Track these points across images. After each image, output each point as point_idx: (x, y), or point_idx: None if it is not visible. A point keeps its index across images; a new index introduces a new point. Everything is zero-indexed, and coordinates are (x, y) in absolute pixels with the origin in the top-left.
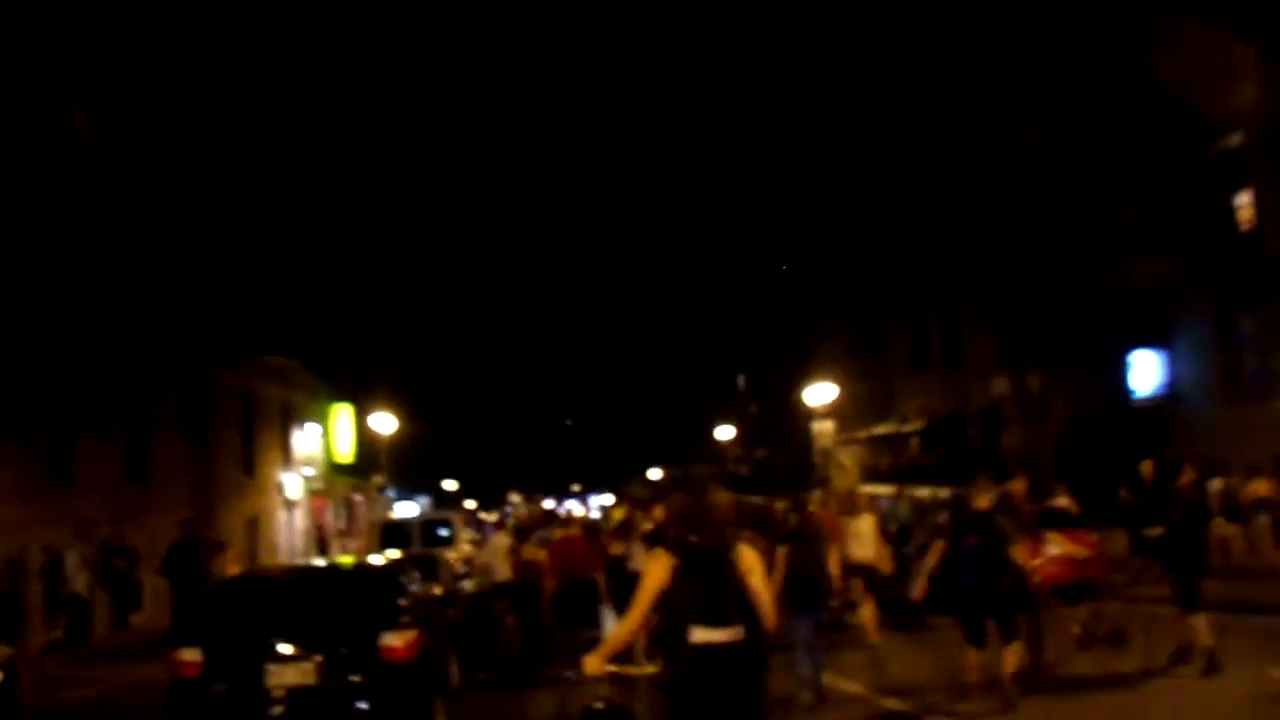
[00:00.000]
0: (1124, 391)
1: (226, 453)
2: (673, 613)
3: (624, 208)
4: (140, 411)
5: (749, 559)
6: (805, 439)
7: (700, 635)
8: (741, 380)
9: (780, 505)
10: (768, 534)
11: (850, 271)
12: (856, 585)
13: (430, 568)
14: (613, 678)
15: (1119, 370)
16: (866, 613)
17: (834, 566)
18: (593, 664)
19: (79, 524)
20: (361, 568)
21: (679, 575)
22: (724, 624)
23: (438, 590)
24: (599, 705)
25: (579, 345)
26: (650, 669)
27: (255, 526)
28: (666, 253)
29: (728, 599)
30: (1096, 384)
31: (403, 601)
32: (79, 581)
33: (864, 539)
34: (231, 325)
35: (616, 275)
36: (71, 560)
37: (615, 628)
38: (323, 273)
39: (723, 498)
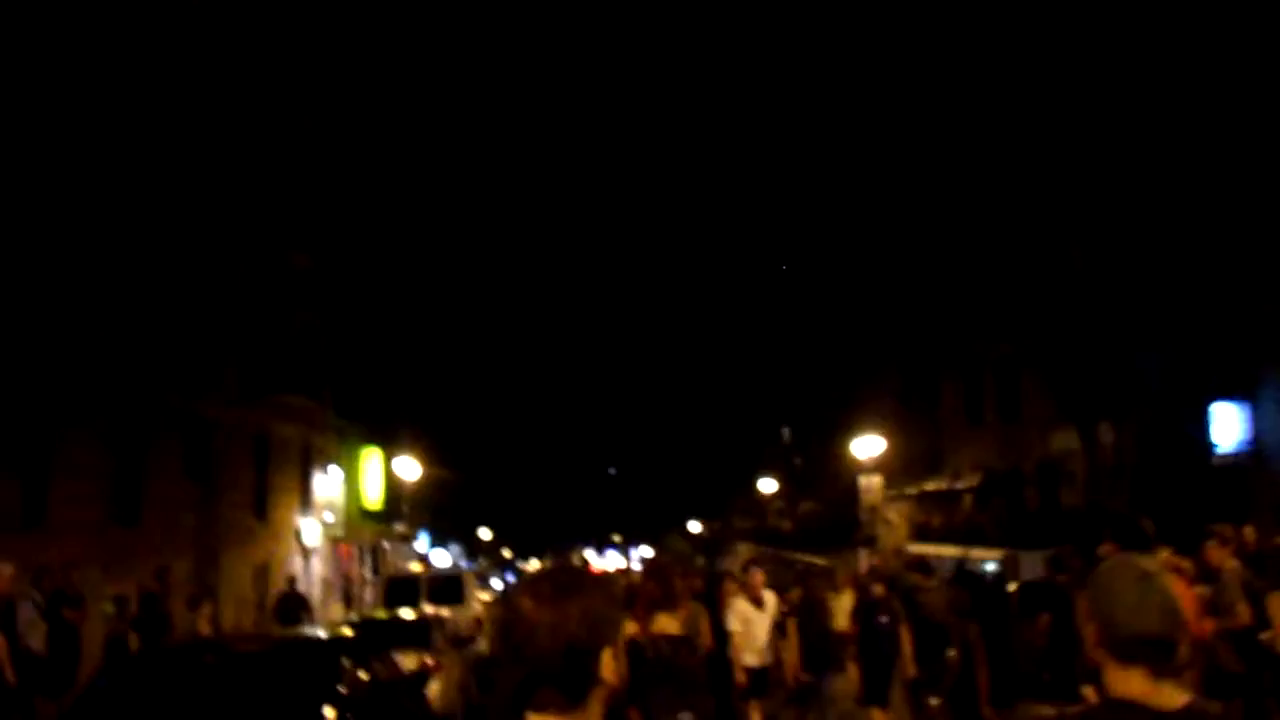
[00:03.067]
0: (1204, 446)
1: (235, 495)
2: None
3: (673, 254)
4: (132, 447)
5: None
6: (851, 494)
7: None
8: (786, 432)
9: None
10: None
11: (900, 321)
12: None
13: (423, 634)
14: None
15: (1198, 424)
16: None
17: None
18: None
19: (38, 570)
20: (295, 644)
21: None
22: None
23: (425, 661)
24: None
25: (622, 393)
26: None
27: (265, 574)
28: (714, 302)
29: None
30: (1173, 438)
31: (338, 690)
32: (34, 635)
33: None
34: (245, 361)
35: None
36: (24, 611)
37: None
38: (347, 309)
39: None
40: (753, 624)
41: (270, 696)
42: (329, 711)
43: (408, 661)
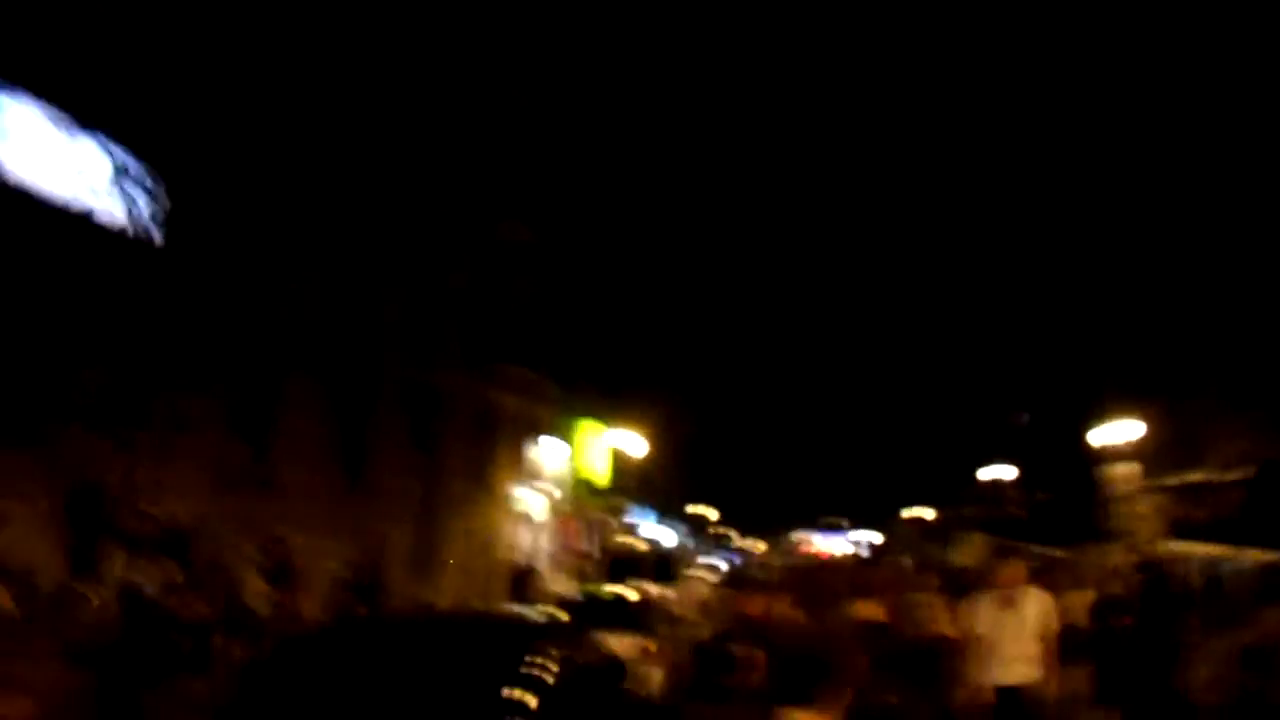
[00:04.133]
0: None
1: (458, 464)
2: None
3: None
4: (357, 414)
5: None
6: (1091, 483)
7: None
8: (1025, 417)
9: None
10: None
11: (1152, 296)
12: None
13: (641, 616)
14: None
15: None
16: None
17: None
18: None
19: (267, 540)
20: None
21: None
22: None
23: (645, 646)
24: None
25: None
26: None
27: (489, 545)
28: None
29: None
30: None
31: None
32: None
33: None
34: (468, 331)
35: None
36: (250, 580)
37: None
38: (570, 281)
39: None
40: (1003, 629)
41: (444, 674)
42: (516, 693)
43: (624, 644)
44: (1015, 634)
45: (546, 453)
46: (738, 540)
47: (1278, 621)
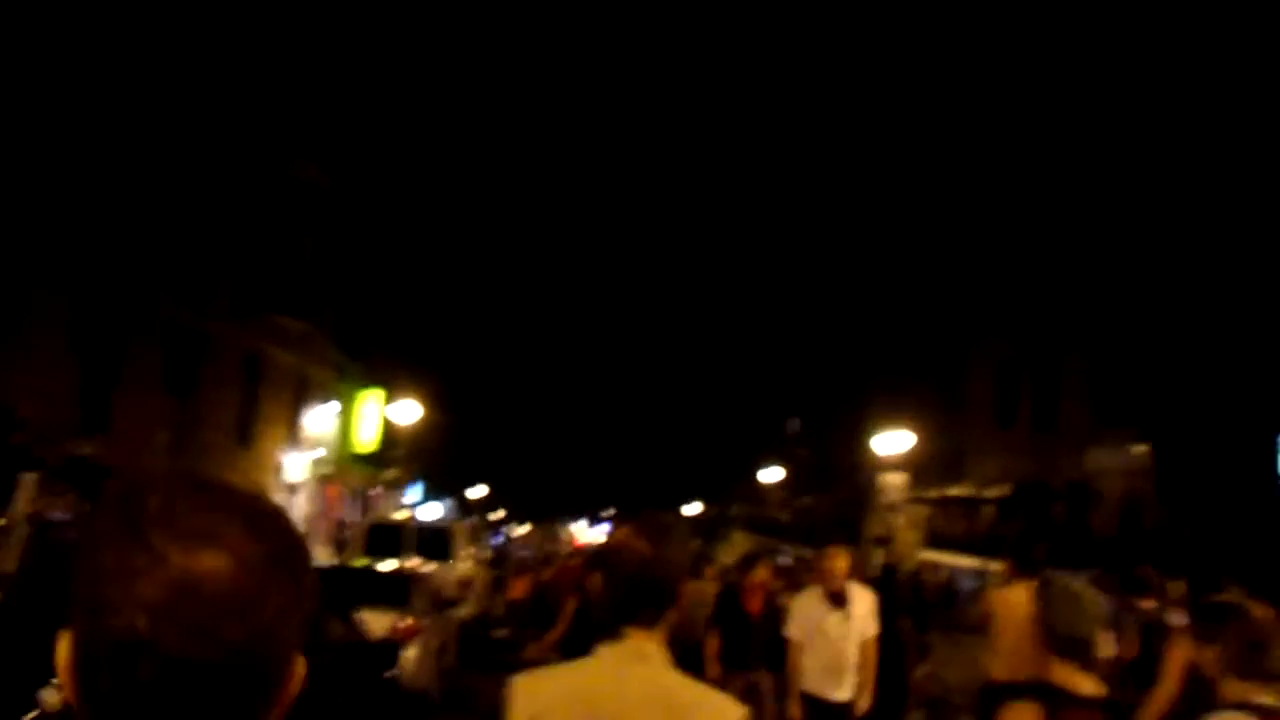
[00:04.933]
0: (1270, 479)
1: (218, 416)
2: None
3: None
4: (104, 349)
5: None
6: (857, 491)
7: None
8: (796, 423)
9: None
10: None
11: (926, 312)
12: None
13: (401, 591)
14: None
15: (1265, 454)
16: None
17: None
18: None
19: None
20: None
21: None
22: None
23: (397, 624)
24: None
25: (632, 364)
26: None
27: None
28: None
29: None
30: (1236, 468)
31: None
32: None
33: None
34: (241, 275)
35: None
36: None
37: None
38: (357, 235)
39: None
40: (827, 633)
41: None
42: None
43: (379, 622)
44: (843, 638)
45: (315, 414)
46: (507, 524)
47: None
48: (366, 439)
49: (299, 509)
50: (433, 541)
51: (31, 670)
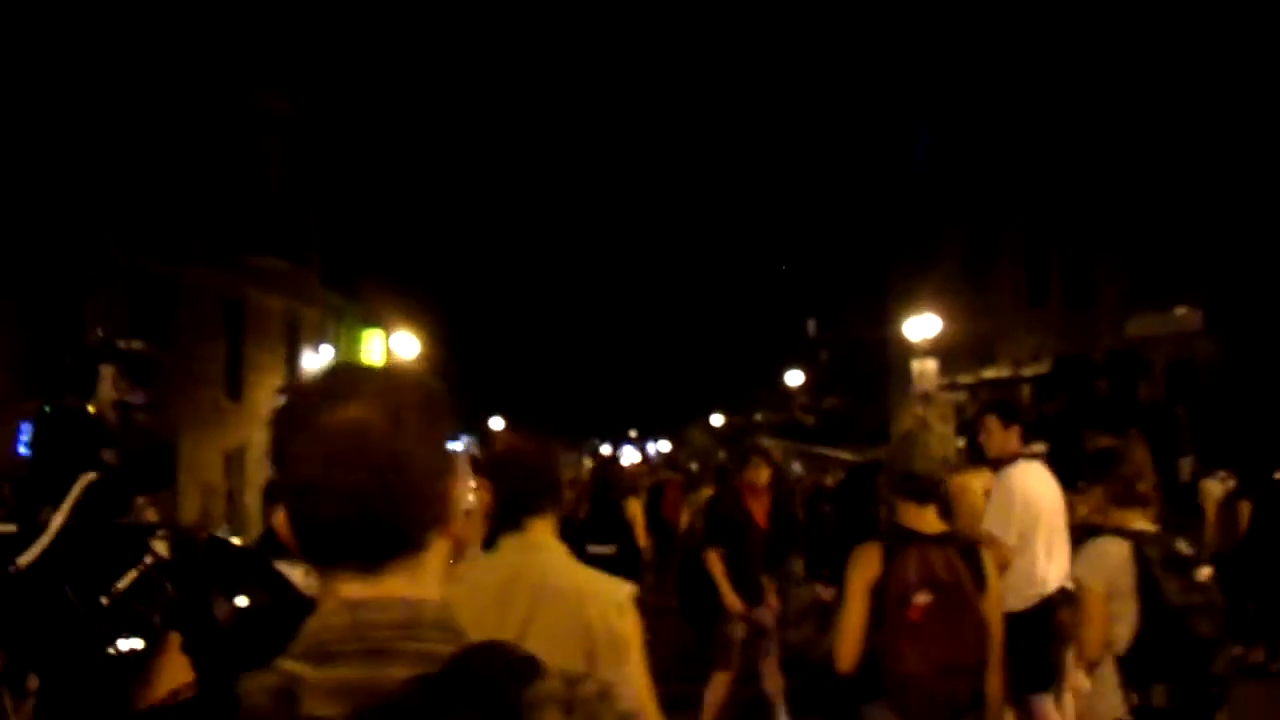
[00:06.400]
0: None
1: (201, 368)
2: None
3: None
4: (60, 304)
5: None
6: (881, 387)
7: None
8: (812, 325)
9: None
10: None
11: (946, 186)
12: None
13: None
14: None
15: None
16: None
17: None
18: None
19: None
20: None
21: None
22: None
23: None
24: None
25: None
26: None
27: (240, 461)
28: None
29: None
30: None
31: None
32: None
33: None
34: (212, 215)
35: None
36: None
37: None
38: (335, 164)
39: None
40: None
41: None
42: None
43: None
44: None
45: (314, 360)
46: None
47: None
48: None
49: None
50: None
51: (139, 526)
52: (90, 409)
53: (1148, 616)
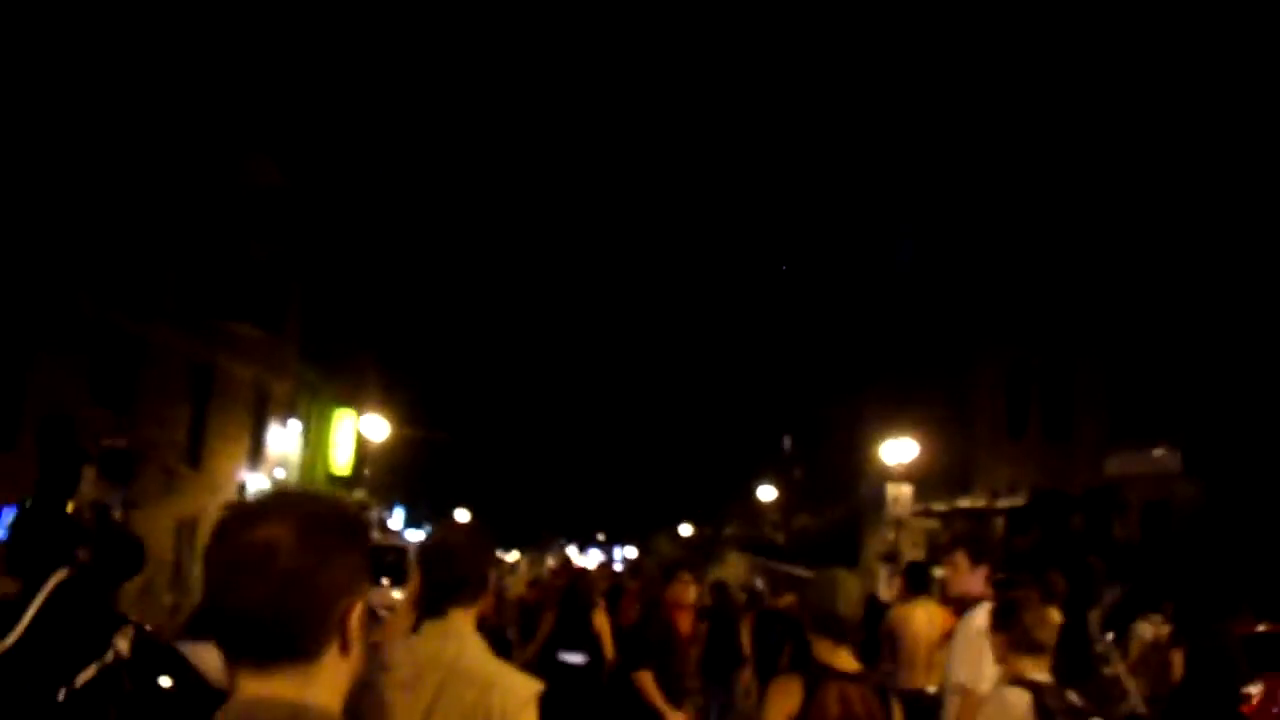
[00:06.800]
0: None
1: (161, 433)
2: None
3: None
4: (15, 356)
5: None
6: (854, 509)
7: None
8: (788, 441)
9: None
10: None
11: (929, 318)
12: None
13: None
14: None
15: None
16: None
17: None
18: None
19: None
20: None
21: None
22: None
23: None
24: None
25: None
26: None
27: (193, 531)
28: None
29: None
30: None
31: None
32: None
33: None
34: (189, 276)
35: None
36: None
37: None
38: (321, 237)
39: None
40: None
41: None
42: None
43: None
44: None
45: (279, 434)
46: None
47: None
48: (341, 462)
49: None
50: (392, 564)
51: (105, 622)
52: (70, 507)
53: None
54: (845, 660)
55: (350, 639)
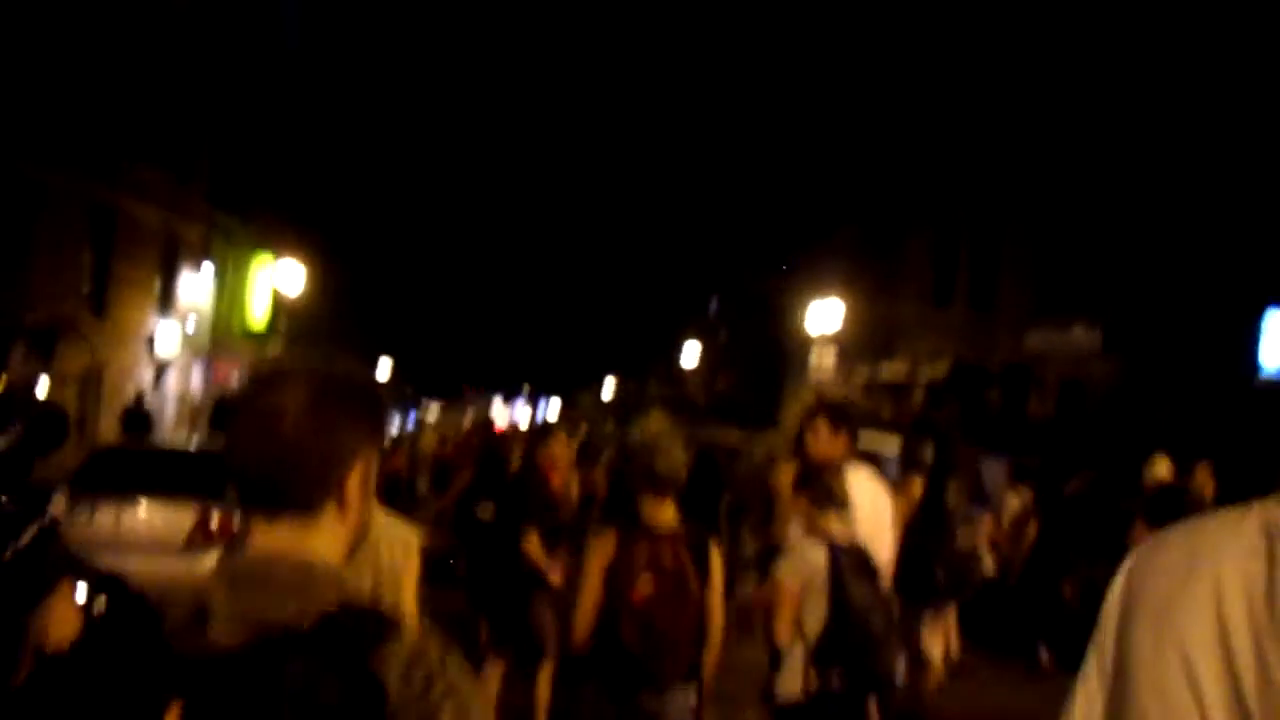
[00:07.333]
0: (1250, 365)
1: (59, 279)
2: None
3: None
4: None
5: None
6: (776, 371)
7: None
8: (714, 303)
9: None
10: None
11: (859, 173)
12: None
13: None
14: None
15: (1245, 339)
16: None
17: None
18: None
19: None
20: None
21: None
22: None
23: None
24: None
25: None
26: None
27: (97, 382)
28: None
29: None
30: (1215, 353)
31: None
32: None
33: None
34: (86, 116)
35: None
36: None
37: None
38: (232, 72)
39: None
40: None
41: None
42: None
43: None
44: None
45: (191, 281)
46: (419, 404)
47: None
48: (254, 311)
49: (169, 387)
50: None
51: (40, 491)
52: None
53: (835, 613)
54: (667, 513)
55: (348, 501)
